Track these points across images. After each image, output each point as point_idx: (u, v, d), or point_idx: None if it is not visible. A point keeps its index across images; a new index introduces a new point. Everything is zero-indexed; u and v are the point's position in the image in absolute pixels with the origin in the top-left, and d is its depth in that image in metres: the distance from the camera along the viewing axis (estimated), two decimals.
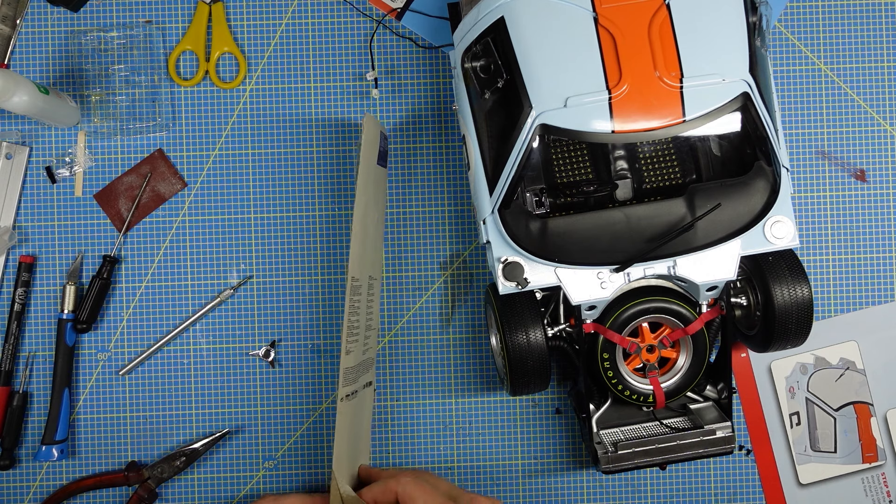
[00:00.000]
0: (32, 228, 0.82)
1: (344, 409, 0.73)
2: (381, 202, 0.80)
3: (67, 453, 0.81)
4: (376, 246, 0.80)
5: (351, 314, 0.72)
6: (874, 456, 0.83)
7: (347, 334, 0.72)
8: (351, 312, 0.72)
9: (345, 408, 0.73)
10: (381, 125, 0.80)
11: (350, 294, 0.72)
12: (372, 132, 0.76)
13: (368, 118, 0.75)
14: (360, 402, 0.78)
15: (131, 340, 0.82)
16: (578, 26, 0.68)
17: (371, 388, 0.81)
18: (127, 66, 0.81)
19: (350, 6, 0.83)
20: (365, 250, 0.76)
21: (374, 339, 0.81)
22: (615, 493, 0.83)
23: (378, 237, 0.80)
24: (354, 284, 0.73)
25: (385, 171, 0.81)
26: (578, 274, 0.71)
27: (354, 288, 0.73)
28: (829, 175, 0.83)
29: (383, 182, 0.81)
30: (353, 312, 0.73)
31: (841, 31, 0.83)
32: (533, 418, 0.83)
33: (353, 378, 0.75)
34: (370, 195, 0.77)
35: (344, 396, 0.73)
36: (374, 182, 0.78)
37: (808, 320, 0.72)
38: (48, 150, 0.82)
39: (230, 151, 0.83)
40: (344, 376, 0.72)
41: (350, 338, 0.73)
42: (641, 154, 0.77)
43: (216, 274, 0.82)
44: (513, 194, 0.69)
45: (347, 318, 0.72)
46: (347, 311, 0.72)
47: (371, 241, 0.78)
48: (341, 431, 0.72)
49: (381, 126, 0.80)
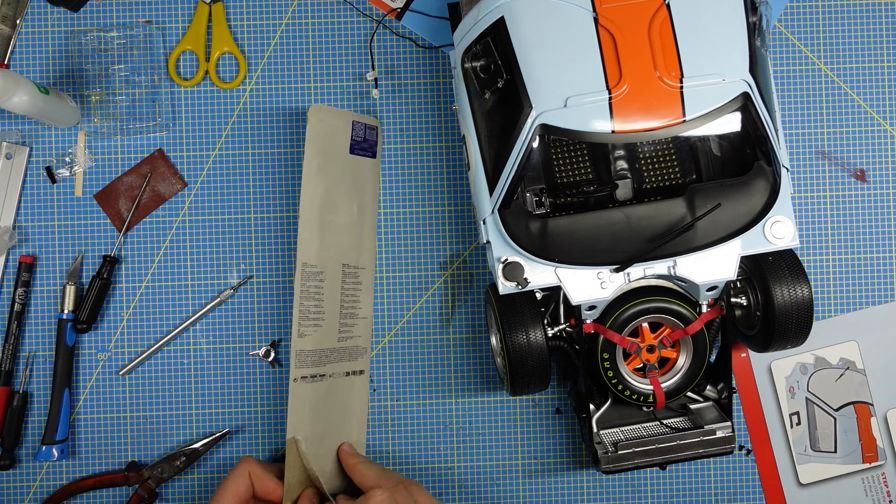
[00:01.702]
0: (32, 228, 0.82)
1: (298, 390, 0.75)
2: (365, 191, 0.81)
3: (67, 453, 0.81)
4: (358, 235, 0.80)
5: (305, 298, 0.76)
6: (874, 456, 0.83)
7: (301, 317, 0.76)
8: (305, 297, 0.76)
9: (299, 389, 0.76)
10: (368, 116, 0.81)
11: (301, 279, 0.76)
12: (320, 121, 0.78)
13: (314, 109, 0.77)
14: (333, 389, 0.79)
15: (131, 340, 0.82)
16: (578, 26, 0.68)
17: (362, 378, 0.81)
18: (127, 66, 0.81)
19: (350, 6, 0.83)
20: (326, 238, 0.78)
21: (363, 329, 0.81)
22: (615, 493, 0.83)
23: (361, 226, 0.81)
24: (308, 270, 0.77)
25: (371, 161, 0.81)
26: (578, 274, 0.71)
27: (309, 274, 0.77)
28: (829, 175, 0.83)
29: (369, 172, 0.81)
30: (307, 297, 0.76)
31: (841, 31, 0.83)
32: (533, 418, 0.83)
33: (316, 361, 0.77)
34: (334, 183, 0.78)
35: (299, 378, 0.76)
36: (345, 171, 0.79)
37: (808, 320, 0.72)
38: (48, 150, 0.82)
39: (230, 151, 0.83)
40: (296, 357, 0.75)
41: (305, 321, 0.76)
42: (641, 154, 0.77)
43: (216, 274, 0.82)
44: (513, 194, 0.69)
45: (299, 301, 0.76)
46: (298, 296, 0.76)
47: (343, 230, 0.79)
48: (295, 411, 0.75)
49: (355, 115, 0.80)
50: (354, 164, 0.80)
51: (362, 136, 0.79)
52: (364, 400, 0.82)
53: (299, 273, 0.76)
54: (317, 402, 0.77)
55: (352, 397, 0.80)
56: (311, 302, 0.77)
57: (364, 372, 0.82)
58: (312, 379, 0.77)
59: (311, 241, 0.77)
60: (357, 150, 0.79)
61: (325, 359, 0.78)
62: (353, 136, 0.79)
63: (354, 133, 0.79)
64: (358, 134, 0.79)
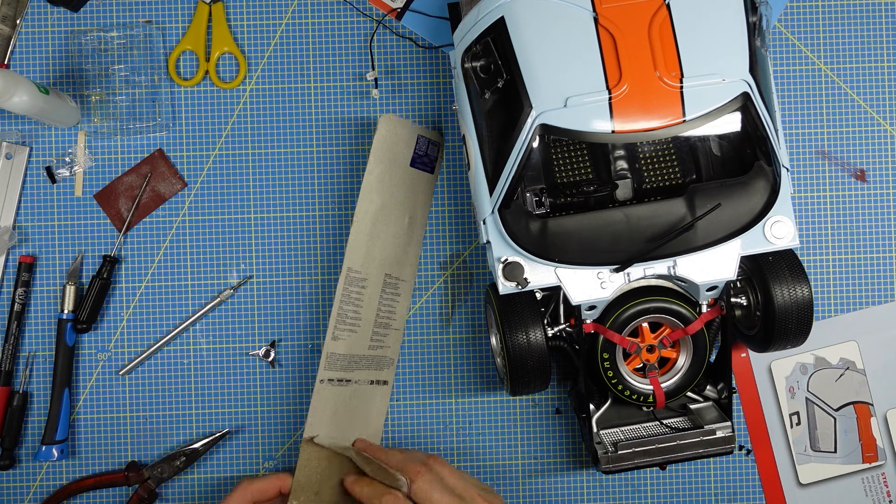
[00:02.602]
0: (32, 228, 0.82)
1: (323, 392, 0.76)
2: (416, 205, 0.81)
3: (67, 453, 0.81)
4: (404, 247, 0.81)
5: (345, 303, 0.77)
6: (874, 456, 0.83)
7: (337, 321, 0.76)
8: (345, 301, 0.77)
9: (325, 390, 0.76)
10: (434, 131, 0.82)
11: (344, 283, 0.77)
12: (388, 132, 0.78)
13: (384, 119, 0.78)
14: (356, 395, 0.79)
15: (131, 340, 0.82)
16: (578, 26, 0.68)
17: (384, 388, 0.81)
18: (127, 66, 0.81)
19: (350, 6, 0.83)
20: (374, 246, 0.78)
21: (394, 340, 0.81)
22: (615, 493, 0.83)
23: (408, 239, 0.81)
24: (353, 276, 0.77)
25: (428, 176, 0.82)
26: (578, 274, 0.71)
27: (353, 279, 0.77)
28: (829, 175, 0.83)
29: (425, 187, 0.82)
30: (347, 302, 0.77)
31: (841, 31, 0.83)
32: (533, 418, 0.83)
33: (345, 366, 0.77)
34: (390, 194, 0.79)
35: (326, 379, 0.76)
36: (403, 183, 0.80)
37: (808, 320, 0.72)
38: (48, 150, 0.82)
39: (230, 151, 0.83)
40: (327, 359, 0.76)
41: (341, 325, 0.77)
42: (641, 154, 0.77)
43: (216, 274, 0.82)
44: (513, 194, 0.69)
45: (338, 304, 0.77)
46: (338, 299, 0.76)
47: (391, 240, 0.79)
48: (316, 412, 0.76)
49: (422, 129, 0.81)
50: (413, 177, 0.81)
51: (425, 150, 0.80)
52: (383, 410, 0.82)
53: (343, 277, 0.77)
54: (339, 406, 0.78)
55: (372, 406, 0.81)
56: (351, 307, 0.77)
57: (388, 383, 0.82)
58: (339, 383, 0.77)
59: (359, 247, 0.77)
60: (417, 163, 0.80)
61: (354, 365, 0.78)
62: (416, 150, 0.80)
63: (418, 147, 0.80)
64: (421, 148, 0.80)
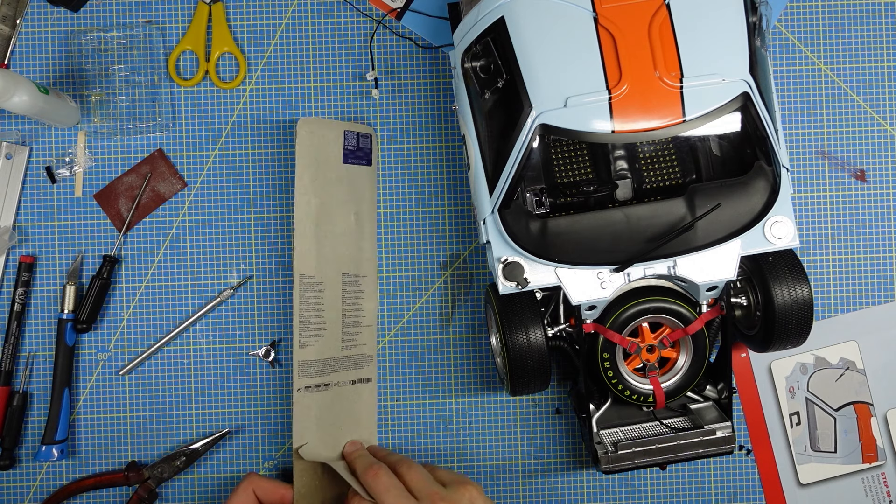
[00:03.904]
0: (32, 228, 0.82)
1: (303, 400, 0.76)
2: (363, 200, 0.81)
3: (67, 453, 0.81)
4: (357, 244, 0.80)
5: (304, 309, 0.77)
6: (874, 456, 0.83)
7: (301, 328, 0.77)
8: (304, 307, 0.77)
9: (304, 399, 0.76)
10: (360, 124, 0.81)
11: (300, 290, 0.77)
12: (309, 133, 0.78)
13: (302, 122, 0.78)
14: (339, 398, 0.79)
15: (131, 340, 0.82)
16: (578, 26, 0.68)
17: (369, 386, 0.81)
18: (127, 66, 0.81)
19: (350, 6, 0.83)
20: (324, 248, 0.78)
21: (368, 337, 0.81)
22: (615, 493, 0.83)
23: (360, 235, 0.81)
24: (307, 281, 0.77)
25: (366, 169, 0.81)
26: (578, 274, 0.71)
27: (308, 284, 0.77)
28: (829, 175, 0.83)
29: (365, 180, 0.81)
30: (307, 308, 0.77)
31: (841, 31, 0.83)
32: (533, 418, 0.83)
33: (320, 371, 0.78)
34: (328, 194, 0.78)
35: (303, 388, 0.76)
36: (339, 181, 0.79)
37: (808, 320, 0.72)
38: (48, 150, 0.82)
39: (230, 151, 0.83)
40: (299, 367, 0.76)
41: (305, 332, 0.77)
42: (641, 154, 0.77)
43: (216, 274, 0.82)
44: (513, 194, 0.69)
45: (299, 312, 0.77)
46: (297, 306, 0.76)
47: (341, 239, 0.79)
48: (300, 421, 0.76)
49: (347, 124, 0.80)
50: (349, 173, 0.80)
51: (356, 144, 0.79)
52: (372, 407, 0.82)
53: (297, 284, 0.76)
54: (322, 411, 0.77)
55: (359, 405, 0.81)
56: (311, 312, 0.77)
57: (371, 380, 0.82)
58: (317, 388, 0.77)
59: (307, 252, 0.77)
60: (351, 159, 0.80)
61: (330, 368, 0.78)
62: (346, 146, 0.80)
63: (347, 142, 0.80)
64: (351, 143, 0.79)
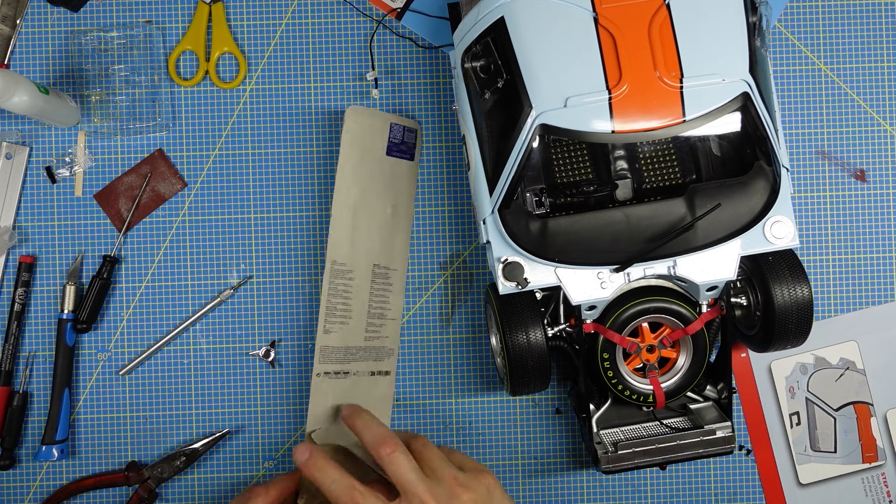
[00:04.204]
0: (32, 228, 0.82)
1: (321, 385, 0.77)
2: (398, 194, 0.81)
3: (67, 453, 0.81)
4: (391, 237, 0.81)
5: (332, 295, 0.77)
6: (874, 456, 0.83)
7: (327, 314, 0.77)
8: (332, 294, 0.77)
9: (322, 384, 0.77)
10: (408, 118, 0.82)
11: (330, 276, 0.77)
12: (356, 124, 0.78)
13: (351, 111, 0.78)
14: (357, 387, 0.79)
15: (131, 340, 0.82)
16: (578, 26, 0.68)
17: (387, 379, 0.81)
18: (127, 66, 0.81)
19: (350, 6, 0.83)
20: (358, 237, 0.78)
21: (391, 330, 0.81)
22: (615, 493, 0.83)
23: (394, 228, 0.81)
24: (338, 268, 0.78)
25: (408, 164, 0.82)
26: (578, 274, 0.71)
27: (338, 272, 0.78)
28: (829, 175, 0.83)
29: (405, 174, 0.82)
30: (335, 294, 0.78)
31: (841, 31, 0.83)
32: (533, 418, 0.83)
33: (341, 358, 0.78)
34: (368, 185, 0.79)
35: (322, 373, 0.77)
36: (381, 173, 0.80)
37: (808, 320, 0.72)
38: (48, 150, 0.82)
39: (230, 151, 0.83)
40: (321, 353, 0.77)
41: (331, 318, 0.77)
42: (641, 154, 0.77)
43: (216, 274, 0.82)
44: (513, 194, 0.69)
45: (326, 297, 0.77)
46: (326, 292, 0.77)
47: (376, 231, 0.79)
48: (316, 406, 0.77)
49: (394, 117, 0.81)
50: (391, 166, 0.80)
51: (400, 138, 0.80)
52: (388, 401, 0.82)
53: (328, 270, 0.77)
54: (339, 398, 0.78)
55: (376, 397, 0.81)
56: (339, 299, 0.78)
57: (390, 373, 0.82)
58: (336, 375, 0.78)
59: (341, 240, 0.78)
60: (394, 151, 0.80)
61: (351, 356, 0.79)
62: (391, 139, 0.80)
63: (392, 135, 0.80)
64: (396, 136, 0.80)
